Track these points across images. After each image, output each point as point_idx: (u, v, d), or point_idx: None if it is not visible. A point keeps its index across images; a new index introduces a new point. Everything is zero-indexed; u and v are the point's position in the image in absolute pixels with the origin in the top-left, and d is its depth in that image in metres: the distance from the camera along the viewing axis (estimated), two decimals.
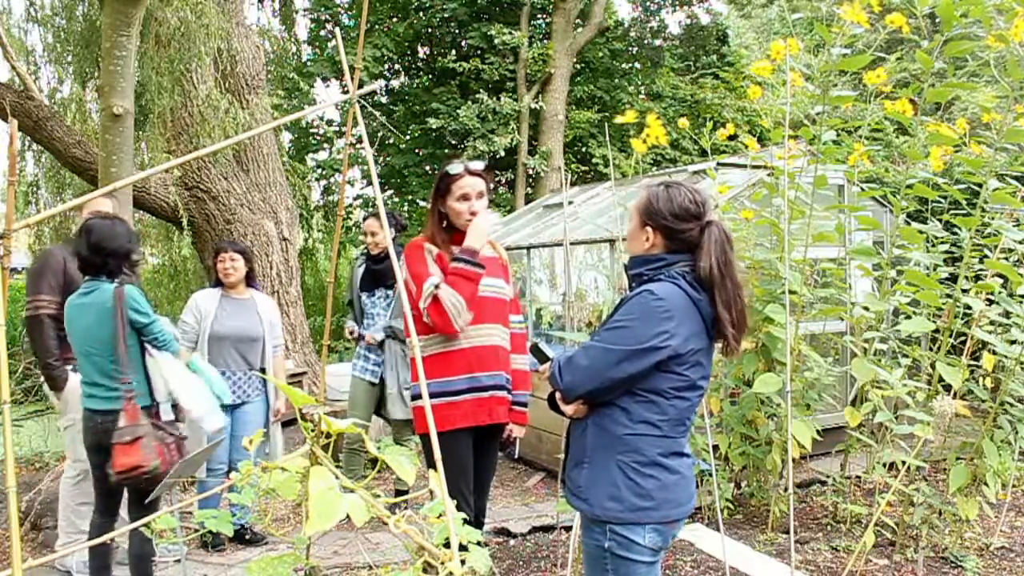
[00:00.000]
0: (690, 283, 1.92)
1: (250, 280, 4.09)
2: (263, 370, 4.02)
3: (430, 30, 13.07)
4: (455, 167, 2.63)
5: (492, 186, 2.87)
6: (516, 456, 5.05)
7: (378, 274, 4.37)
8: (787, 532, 3.79)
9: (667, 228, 1.95)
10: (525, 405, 2.80)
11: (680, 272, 1.93)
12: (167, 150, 7.11)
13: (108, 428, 2.90)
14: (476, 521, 2.78)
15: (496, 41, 11.34)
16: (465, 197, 2.61)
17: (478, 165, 2.66)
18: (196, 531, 3.91)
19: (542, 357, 2.13)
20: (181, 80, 6.78)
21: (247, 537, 4.04)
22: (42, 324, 3.46)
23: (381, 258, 4.36)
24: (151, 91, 6.37)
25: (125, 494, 3.20)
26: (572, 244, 5.59)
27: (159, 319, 3.06)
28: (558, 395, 2.02)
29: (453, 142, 12.07)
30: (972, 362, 3.69)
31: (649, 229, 1.98)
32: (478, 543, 1.40)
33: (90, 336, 2.94)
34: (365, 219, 4.47)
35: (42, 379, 3.64)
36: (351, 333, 4.46)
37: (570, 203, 6.65)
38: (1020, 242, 3.51)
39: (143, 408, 2.96)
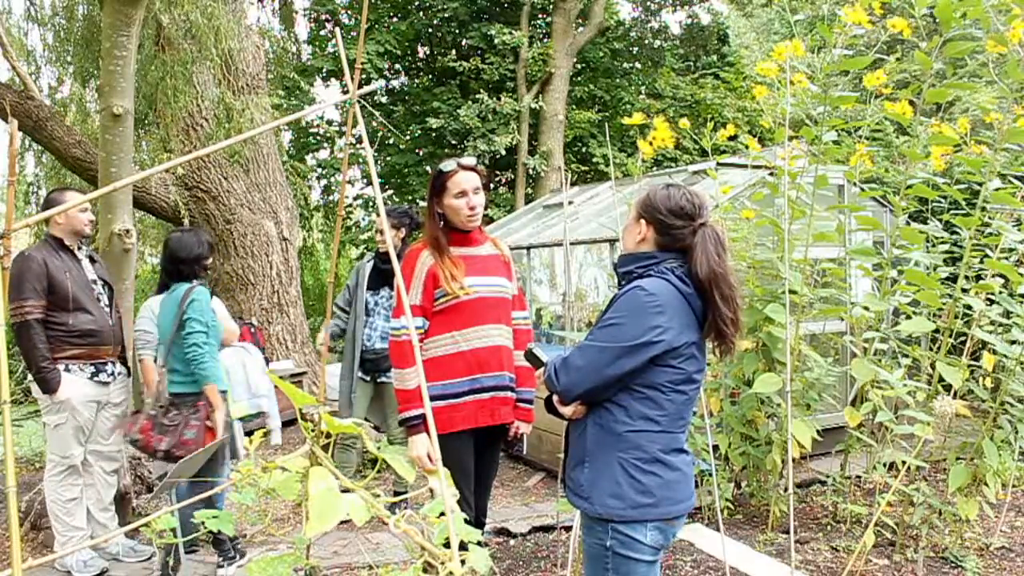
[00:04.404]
0: (679, 277, 1.93)
1: None
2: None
3: (430, 30, 13.07)
4: (448, 164, 2.65)
5: (488, 183, 2.88)
6: (524, 452, 5.05)
7: (386, 274, 4.33)
8: (787, 532, 3.79)
9: (660, 223, 1.97)
10: (531, 402, 2.80)
11: (669, 268, 1.95)
12: (171, 150, 7.11)
13: (178, 406, 3.37)
14: (477, 521, 2.78)
15: (496, 41, 11.34)
16: (462, 193, 2.62)
17: (470, 160, 2.67)
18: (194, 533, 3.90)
19: (537, 362, 2.14)
20: (188, 82, 6.77)
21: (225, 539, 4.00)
22: (31, 328, 3.44)
23: (390, 258, 4.33)
24: (168, 95, 6.36)
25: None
26: (572, 244, 5.59)
27: (203, 332, 3.38)
28: (555, 397, 2.03)
29: (453, 142, 12.08)
30: (972, 362, 3.69)
31: (643, 222, 2.01)
32: (478, 543, 1.40)
33: (168, 328, 3.43)
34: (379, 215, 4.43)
35: (31, 380, 3.63)
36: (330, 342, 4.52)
37: (570, 203, 6.65)
38: (1020, 242, 3.51)
39: (194, 395, 3.41)
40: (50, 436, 3.65)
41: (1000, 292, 3.56)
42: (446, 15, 12.39)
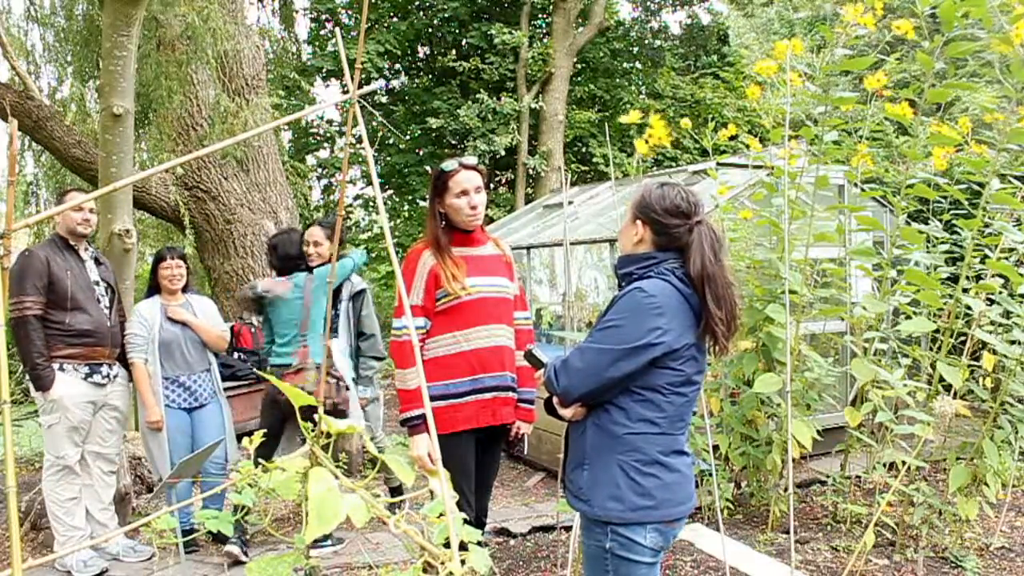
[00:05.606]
0: (679, 278, 1.92)
1: (184, 286, 4.03)
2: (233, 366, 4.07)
3: (430, 30, 13.07)
4: (449, 164, 2.65)
5: (488, 182, 2.88)
6: (525, 452, 5.03)
7: None
8: (787, 532, 3.79)
9: (656, 222, 1.96)
10: (532, 402, 2.80)
11: (669, 269, 1.94)
12: (171, 150, 7.10)
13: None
14: (478, 521, 2.78)
15: (496, 41, 11.34)
16: (464, 192, 2.62)
17: (471, 160, 2.68)
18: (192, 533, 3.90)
19: (537, 363, 2.13)
20: (184, 83, 6.78)
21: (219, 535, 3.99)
22: (28, 325, 3.44)
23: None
24: (163, 95, 6.35)
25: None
26: (572, 244, 5.59)
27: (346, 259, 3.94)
28: (555, 399, 2.02)
29: (453, 142, 12.08)
30: (972, 362, 3.69)
31: (639, 223, 2.00)
32: (478, 543, 1.40)
33: (294, 313, 3.81)
34: (308, 227, 4.12)
35: (28, 379, 3.63)
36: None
37: (570, 203, 6.65)
38: (1021, 242, 3.51)
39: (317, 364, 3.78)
40: (45, 435, 3.65)
41: (1000, 292, 3.56)
42: (446, 15, 12.39)
